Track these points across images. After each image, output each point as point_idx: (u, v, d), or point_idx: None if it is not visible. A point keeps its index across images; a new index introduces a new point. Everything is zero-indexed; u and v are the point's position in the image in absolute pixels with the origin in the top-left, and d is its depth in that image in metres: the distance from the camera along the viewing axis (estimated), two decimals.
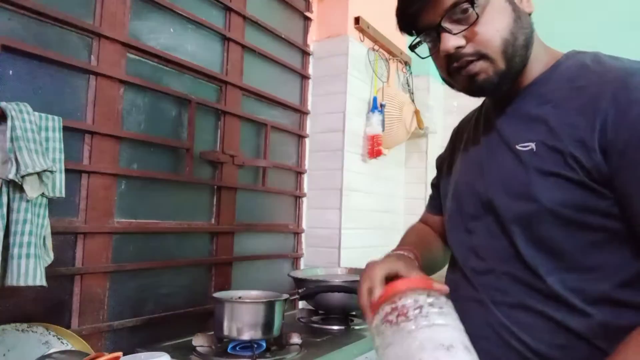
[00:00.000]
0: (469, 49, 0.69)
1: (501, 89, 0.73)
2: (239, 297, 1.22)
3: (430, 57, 0.77)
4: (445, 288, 0.69)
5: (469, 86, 0.73)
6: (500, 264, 0.73)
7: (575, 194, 0.65)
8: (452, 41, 0.69)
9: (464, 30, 0.69)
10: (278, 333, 1.17)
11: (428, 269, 0.89)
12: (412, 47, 0.78)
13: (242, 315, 1.12)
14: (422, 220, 1.03)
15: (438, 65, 0.76)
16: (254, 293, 1.27)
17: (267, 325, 1.13)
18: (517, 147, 0.71)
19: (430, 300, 0.63)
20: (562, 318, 0.67)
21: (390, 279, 0.71)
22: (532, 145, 0.69)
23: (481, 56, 0.69)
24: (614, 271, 0.66)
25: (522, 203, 0.69)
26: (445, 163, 0.94)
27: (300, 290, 1.34)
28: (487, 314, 0.73)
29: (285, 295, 1.21)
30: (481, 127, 0.82)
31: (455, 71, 0.72)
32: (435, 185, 1.01)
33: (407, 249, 0.83)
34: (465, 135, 0.88)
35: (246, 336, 1.11)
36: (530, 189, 0.68)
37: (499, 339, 0.72)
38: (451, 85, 0.77)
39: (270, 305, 1.14)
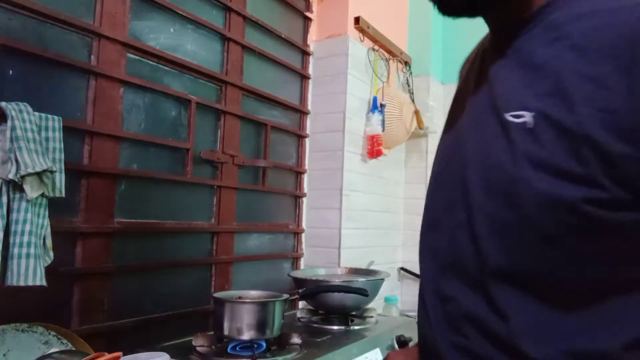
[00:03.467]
0: None
1: (476, 7, 0.52)
2: (239, 297, 1.22)
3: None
4: None
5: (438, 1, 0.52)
6: (463, 296, 0.52)
7: (578, 204, 0.42)
8: None
9: None
10: (278, 333, 1.17)
11: None
12: None
13: (242, 315, 1.12)
14: None
15: None
16: (253, 293, 1.27)
17: (267, 325, 1.13)
18: (507, 116, 0.47)
19: None
20: None
21: None
22: (528, 116, 0.45)
23: None
24: (634, 321, 0.44)
25: (500, 207, 0.47)
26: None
27: (300, 290, 1.34)
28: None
29: (285, 295, 1.21)
30: (474, 74, 0.58)
31: None
32: None
33: None
34: (461, 83, 0.65)
35: (246, 336, 1.11)
36: (514, 187, 0.45)
37: None
38: None
39: (270, 305, 1.14)
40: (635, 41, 0.39)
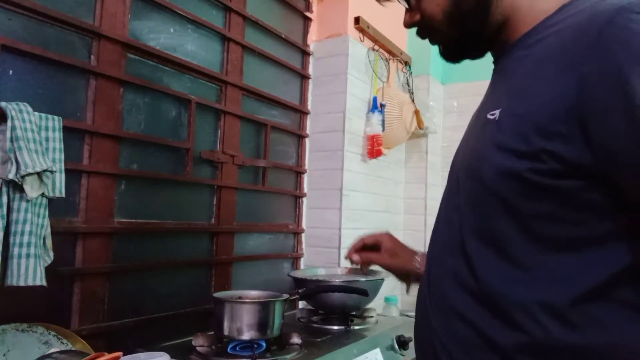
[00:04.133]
0: (422, 22, 0.69)
1: (470, 54, 0.70)
2: (239, 297, 1.22)
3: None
4: None
5: (440, 54, 0.72)
6: (450, 257, 0.63)
7: (524, 173, 0.53)
8: (406, 17, 0.70)
9: (410, 5, 0.69)
10: (278, 333, 1.17)
11: None
12: None
13: (242, 315, 1.12)
14: None
15: None
16: (253, 293, 1.27)
17: (268, 325, 1.13)
18: (488, 115, 0.60)
19: None
20: (491, 332, 0.56)
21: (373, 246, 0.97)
22: (497, 112, 0.58)
23: (431, 28, 0.69)
24: (579, 280, 0.52)
25: (472, 182, 0.60)
26: None
27: (300, 290, 1.34)
28: (428, 323, 0.65)
29: (285, 295, 1.21)
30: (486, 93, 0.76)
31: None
32: None
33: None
34: None
35: (246, 336, 1.11)
36: (480, 164, 0.58)
37: (435, 355, 0.63)
38: None
39: (270, 305, 1.14)
40: (572, 49, 0.51)
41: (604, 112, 0.47)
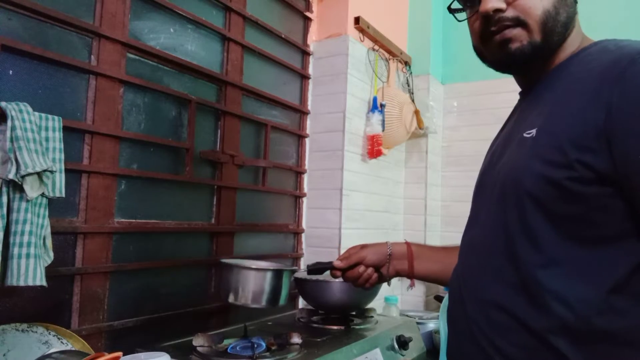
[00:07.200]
0: (508, 13, 0.69)
1: (530, 63, 0.73)
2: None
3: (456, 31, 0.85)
4: None
5: (499, 53, 0.73)
6: (490, 256, 0.72)
7: (561, 181, 0.63)
8: (493, 2, 0.69)
9: None
10: (284, 302, 1.19)
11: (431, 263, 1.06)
12: (451, 10, 0.78)
13: (249, 282, 1.13)
14: None
15: (473, 30, 0.76)
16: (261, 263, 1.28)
17: (274, 294, 1.15)
18: (524, 134, 0.70)
19: None
20: (525, 317, 0.66)
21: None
22: (534, 131, 0.68)
23: (519, 22, 0.69)
24: (604, 273, 0.63)
25: (515, 190, 0.69)
26: None
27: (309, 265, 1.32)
28: (463, 310, 0.76)
29: (295, 268, 1.24)
30: (511, 115, 0.85)
31: (489, 36, 0.72)
32: None
33: (407, 242, 1.07)
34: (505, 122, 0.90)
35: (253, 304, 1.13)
36: (521, 172, 0.67)
37: (472, 336, 0.73)
38: (481, 54, 0.77)
39: (277, 275, 1.15)
40: (601, 82, 0.61)
41: (624, 132, 0.59)
